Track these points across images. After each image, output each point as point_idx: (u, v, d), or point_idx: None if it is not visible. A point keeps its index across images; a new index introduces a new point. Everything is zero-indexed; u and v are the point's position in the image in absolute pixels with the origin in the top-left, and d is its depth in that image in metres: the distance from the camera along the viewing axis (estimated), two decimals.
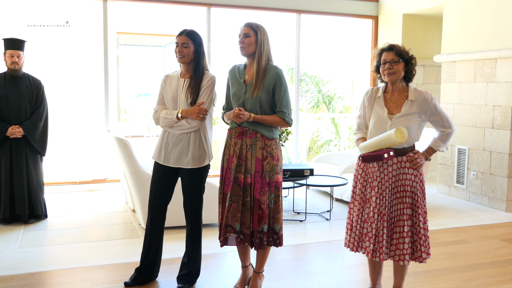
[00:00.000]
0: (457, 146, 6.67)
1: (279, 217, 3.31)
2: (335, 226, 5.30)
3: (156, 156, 3.51)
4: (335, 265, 4.14)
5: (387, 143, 2.99)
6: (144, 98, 12.91)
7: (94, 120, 7.67)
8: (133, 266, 3.83)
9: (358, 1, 8.06)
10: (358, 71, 10.79)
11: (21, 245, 4.47)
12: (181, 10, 8.67)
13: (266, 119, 3.26)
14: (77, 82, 7.83)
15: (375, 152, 3.04)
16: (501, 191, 6.03)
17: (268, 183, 3.26)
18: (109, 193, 6.69)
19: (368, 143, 3.10)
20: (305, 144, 10.75)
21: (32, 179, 5.08)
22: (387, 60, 3.08)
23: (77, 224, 5.20)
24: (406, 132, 2.94)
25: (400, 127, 2.95)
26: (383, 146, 3.03)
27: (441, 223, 5.45)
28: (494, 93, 6.08)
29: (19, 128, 4.94)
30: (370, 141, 3.09)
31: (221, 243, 3.34)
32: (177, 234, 4.78)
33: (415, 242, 3.12)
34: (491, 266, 4.15)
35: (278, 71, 3.28)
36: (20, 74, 5.05)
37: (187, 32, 3.38)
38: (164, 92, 3.50)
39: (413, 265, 3.89)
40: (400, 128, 2.94)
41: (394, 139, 2.93)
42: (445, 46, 6.85)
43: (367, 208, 3.17)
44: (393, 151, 3.02)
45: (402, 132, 2.93)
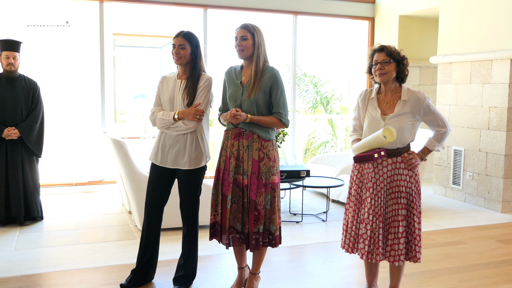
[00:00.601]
0: (453, 147, 6.68)
1: (275, 218, 3.30)
2: (332, 228, 5.30)
3: (153, 157, 3.50)
4: (331, 267, 4.14)
5: (376, 143, 3.01)
6: (141, 100, 12.89)
7: (91, 122, 7.65)
8: (129, 267, 3.82)
9: (354, 3, 8.07)
10: (355, 72, 10.80)
11: (17, 247, 4.45)
12: (178, 12, 8.65)
13: (262, 120, 3.26)
14: (74, 83, 7.81)
15: (366, 153, 3.06)
16: (497, 192, 6.04)
17: (264, 184, 3.25)
18: (105, 195, 6.68)
19: (359, 144, 3.13)
20: (302, 145, 10.75)
21: (28, 181, 5.06)
22: (378, 60, 3.10)
23: (73, 226, 5.18)
24: (394, 131, 2.95)
25: (389, 127, 2.97)
26: (373, 146, 3.05)
27: (437, 224, 5.46)
28: (490, 94, 6.10)
29: (15, 130, 4.92)
30: (361, 142, 3.13)
31: (226, 245, 3.33)
32: (173, 235, 4.77)
33: (409, 242, 3.13)
34: (487, 267, 4.16)
35: (274, 72, 3.28)
36: (16, 75, 5.03)
37: (183, 33, 3.39)
38: (161, 94, 3.50)
39: (409, 266, 3.90)
40: (388, 128, 2.96)
41: (383, 139, 2.95)
42: (441, 47, 6.87)
43: (363, 209, 3.17)
44: (384, 151, 3.03)
45: (391, 132, 2.95)
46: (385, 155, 3.04)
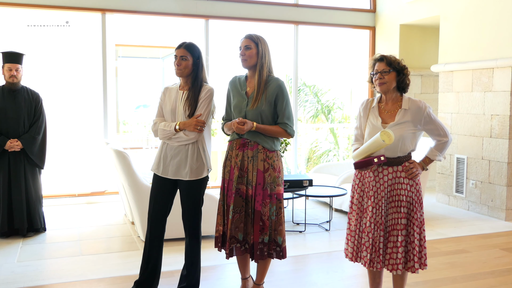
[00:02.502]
0: (455, 155, 6.67)
1: (282, 229, 3.31)
2: (335, 237, 5.29)
3: (155, 168, 3.51)
4: (335, 276, 4.13)
5: (375, 146, 3.01)
6: (143, 110, 12.93)
7: (93, 132, 7.67)
8: (132, 279, 3.82)
9: (355, 12, 8.11)
10: (357, 81, 10.83)
11: (20, 259, 4.45)
12: (180, 22, 8.71)
13: (268, 129, 3.27)
14: (76, 94, 7.84)
15: (365, 158, 3.07)
16: (501, 200, 6.02)
17: (269, 195, 3.26)
18: (108, 206, 6.68)
19: (359, 150, 3.14)
20: (304, 155, 10.75)
21: (31, 192, 5.07)
22: (378, 70, 3.12)
23: (76, 237, 5.18)
24: (392, 134, 2.96)
25: (387, 130, 2.98)
26: (373, 151, 3.05)
27: (440, 233, 5.44)
28: (491, 102, 6.10)
29: (18, 142, 4.94)
30: (360, 148, 3.14)
31: (227, 255, 3.33)
32: (176, 246, 4.76)
33: (408, 252, 3.12)
34: (492, 276, 4.14)
35: (280, 83, 3.30)
36: (19, 87, 5.06)
37: (185, 45, 3.41)
38: (163, 104, 3.52)
39: (413, 275, 3.88)
40: (386, 131, 2.97)
41: (381, 142, 2.95)
42: (442, 56, 6.88)
43: (365, 218, 3.17)
44: (383, 156, 3.03)
45: (389, 135, 2.95)
46: (385, 160, 3.05)
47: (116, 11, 6.86)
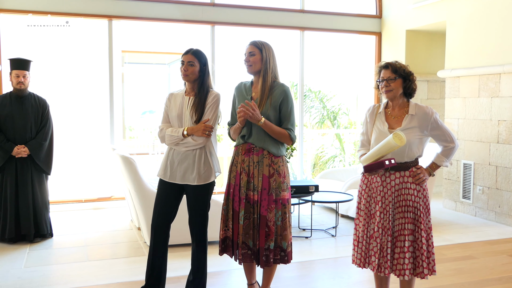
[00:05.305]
0: (462, 161, 6.65)
1: (287, 234, 3.31)
2: (341, 243, 5.27)
3: (161, 174, 3.52)
4: (341, 282, 4.11)
5: (386, 149, 3.00)
6: (149, 116, 12.98)
7: (99, 138, 7.69)
8: (138, 284, 3.82)
9: (361, 18, 8.11)
10: (363, 86, 10.82)
11: (27, 265, 4.46)
12: (186, 28, 8.74)
13: (275, 128, 3.27)
14: (83, 100, 7.87)
15: (376, 161, 3.06)
16: (508, 206, 5.99)
17: (275, 200, 3.26)
18: (114, 211, 6.69)
19: (368, 154, 3.13)
20: (310, 160, 10.74)
21: (38, 198, 5.09)
22: (384, 77, 3.13)
23: (83, 243, 5.19)
24: (404, 136, 2.95)
25: (398, 132, 2.97)
26: (383, 154, 3.04)
27: (447, 239, 5.41)
28: (498, 107, 6.08)
29: (25, 148, 4.96)
30: (370, 152, 3.13)
31: (239, 261, 3.33)
32: (182, 251, 4.76)
33: (417, 257, 3.11)
34: (499, 282, 4.11)
35: (285, 88, 3.31)
36: (26, 93, 5.09)
37: (193, 51, 3.43)
38: (168, 110, 3.53)
39: (420, 281, 3.86)
40: (397, 133, 2.96)
41: (393, 144, 2.94)
42: (449, 61, 6.87)
43: (372, 224, 3.17)
44: (394, 159, 3.03)
45: (401, 137, 2.95)
46: (395, 163, 3.04)
47: (122, 17, 6.90)
